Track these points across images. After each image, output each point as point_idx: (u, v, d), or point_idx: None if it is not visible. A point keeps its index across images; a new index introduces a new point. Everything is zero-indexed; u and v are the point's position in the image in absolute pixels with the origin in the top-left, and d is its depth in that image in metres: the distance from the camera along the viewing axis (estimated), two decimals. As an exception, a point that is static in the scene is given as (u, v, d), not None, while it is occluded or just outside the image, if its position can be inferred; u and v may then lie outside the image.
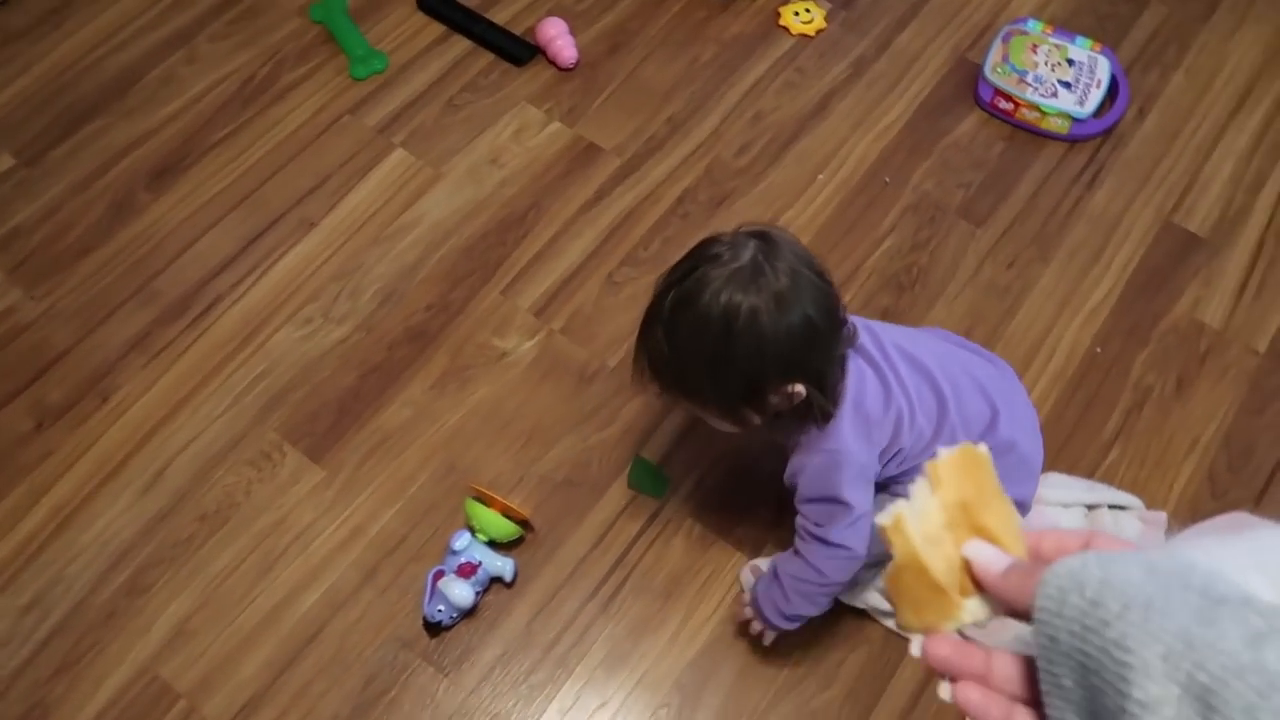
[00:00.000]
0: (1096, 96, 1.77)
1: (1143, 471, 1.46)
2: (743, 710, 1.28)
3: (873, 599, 1.30)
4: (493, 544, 1.34)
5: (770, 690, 1.30)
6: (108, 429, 1.47)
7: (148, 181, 1.70)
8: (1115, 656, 0.39)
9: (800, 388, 0.99)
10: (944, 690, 0.48)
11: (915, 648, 0.50)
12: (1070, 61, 1.81)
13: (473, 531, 1.34)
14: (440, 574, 1.31)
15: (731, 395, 1.01)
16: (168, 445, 1.46)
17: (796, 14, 1.90)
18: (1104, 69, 1.80)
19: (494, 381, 1.51)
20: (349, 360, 1.53)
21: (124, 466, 1.44)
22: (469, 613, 1.32)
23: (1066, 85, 1.79)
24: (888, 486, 1.18)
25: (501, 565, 1.33)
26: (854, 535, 1.09)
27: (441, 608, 1.29)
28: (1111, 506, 1.36)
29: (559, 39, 1.79)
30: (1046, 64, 1.82)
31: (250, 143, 1.74)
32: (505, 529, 1.34)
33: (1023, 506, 1.21)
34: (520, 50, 1.83)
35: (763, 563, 1.34)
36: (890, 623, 1.32)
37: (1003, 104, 1.79)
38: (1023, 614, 0.45)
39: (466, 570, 1.30)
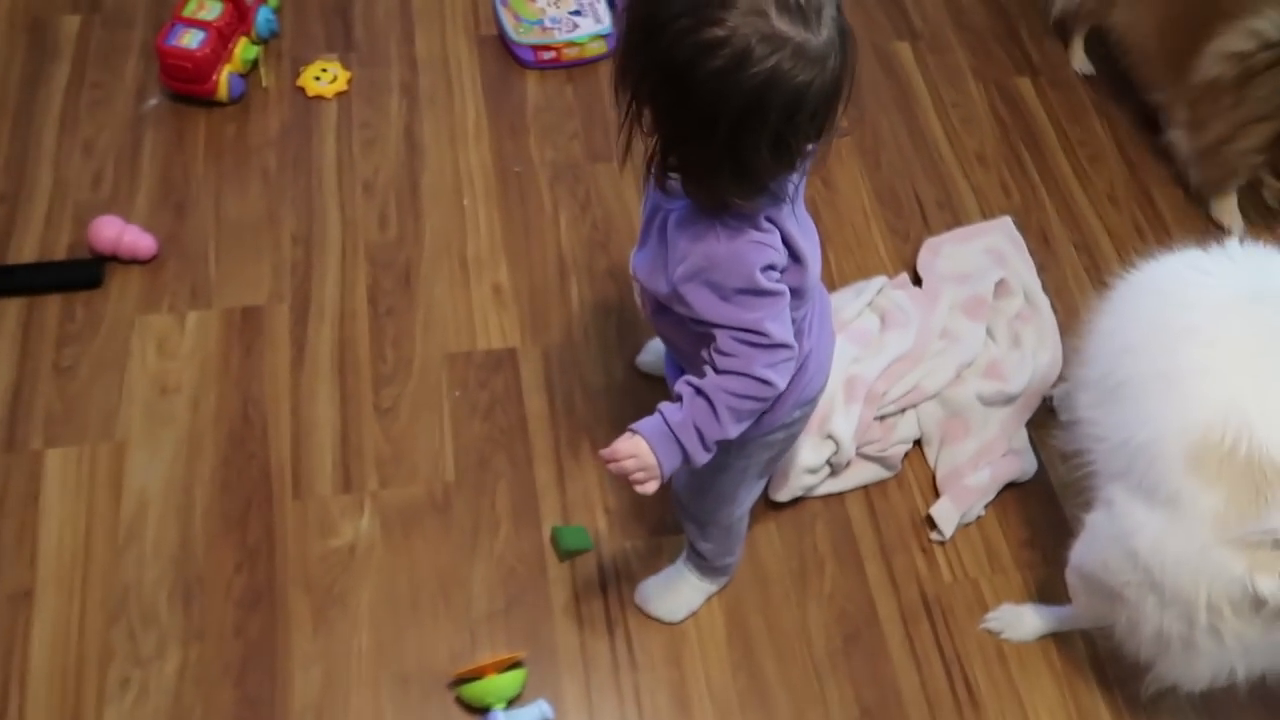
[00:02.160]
0: (603, 8, 1.94)
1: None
2: (790, 637, 1.37)
3: (805, 480, 1.44)
4: (512, 703, 1.26)
5: (793, 606, 1.40)
6: None
7: None
8: None
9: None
10: None
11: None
12: (566, -10, 1.95)
13: (489, 710, 1.24)
14: (499, 767, 1.21)
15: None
16: None
17: (318, 78, 1.81)
18: (594, -16, 1.96)
19: (368, 577, 1.36)
20: (207, 679, 1.27)
21: None
22: (542, 776, 1.24)
23: (578, 13, 1.93)
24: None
25: (539, 712, 1.25)
26: (785, 328, 0.96)
27: (523, 793, 1.20)
28: (879, 293, 1.62)
29: (124, 234, 1.54)
30: (550, 3, 1.94)
31: None
32: (511, 682, 1.26)
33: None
34: (86, 272, 1.54)
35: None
36: (824, 487, 1.47)
37: (545, 55, 1.89)
38: None
39: (517, 742, 1.21)
